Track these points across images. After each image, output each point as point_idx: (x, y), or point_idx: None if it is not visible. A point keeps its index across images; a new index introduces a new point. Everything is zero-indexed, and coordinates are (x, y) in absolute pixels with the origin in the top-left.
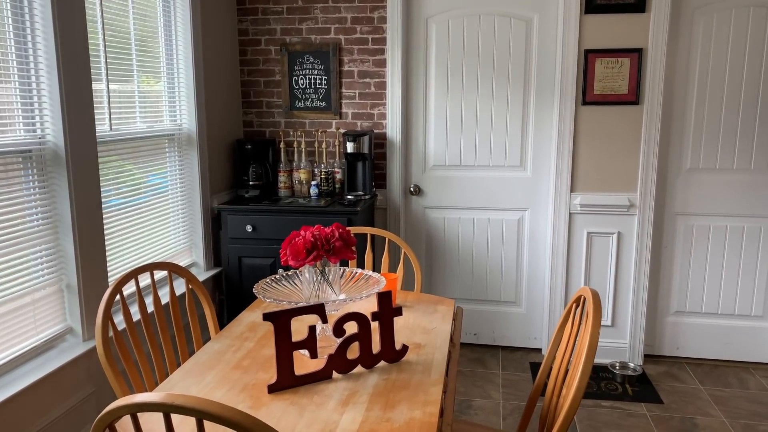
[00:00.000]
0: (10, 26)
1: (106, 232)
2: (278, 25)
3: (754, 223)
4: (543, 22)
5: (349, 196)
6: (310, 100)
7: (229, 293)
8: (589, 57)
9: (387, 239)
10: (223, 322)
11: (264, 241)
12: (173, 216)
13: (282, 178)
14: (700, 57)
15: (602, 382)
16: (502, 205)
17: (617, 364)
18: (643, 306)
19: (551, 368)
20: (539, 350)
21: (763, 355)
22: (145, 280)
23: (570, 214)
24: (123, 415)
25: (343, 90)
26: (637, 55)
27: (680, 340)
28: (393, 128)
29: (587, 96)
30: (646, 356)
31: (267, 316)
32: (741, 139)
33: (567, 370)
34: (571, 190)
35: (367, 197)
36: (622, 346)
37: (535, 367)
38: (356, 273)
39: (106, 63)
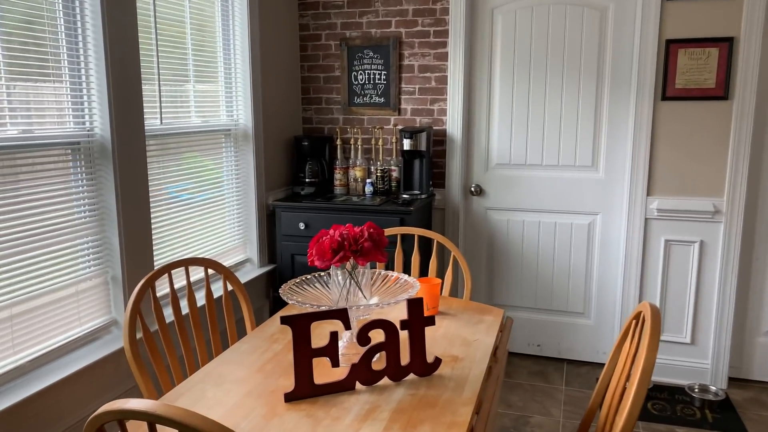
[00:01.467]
0: (62, 20)
1: (156, 225)
2: (338, 19)
3: None
4: (619, 11)
5: (404, 195)
6: (368, 95)
7: None
8: (670, 48)
9: (435, 241)
10: None
11: None
12: (228, 211)
13: (338, 175)
14: None
15: (678, 405)
16: (572, 208)
17: (696, 387)
18: (729, 324)
19: (607, 389)
20: None
21: None
22: (181, 280)
23: (646, 219)
24: (110, 420)
25: (403, 85)
26: (727, 44)
27: None
28: (453, 125)
29: (668, 90)
30: (731, 379)
31: (285, 320)
32: None
33: (624, 393)
34: (648, 194)
35: (423, 197)
36: (703, 366)
37: None
38: (391, 276)
39: (158, 54)
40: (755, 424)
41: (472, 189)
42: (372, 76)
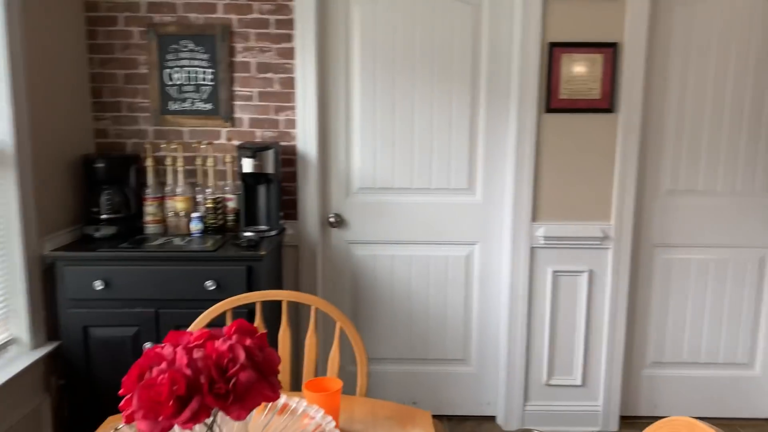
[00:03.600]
0: None
1: None
2: None
3: (741, 255)
4: (496, 7)
5: (247, 233)
6: (189, 100)
7: (73, 377)
8: (554, 52)
9: (313, 308)
10: (63, 416)
11: (121, 302)
12: None
13: (150, 209)
14: (681, 55)
15: None
16: (446, 238)
17: None
18: (619, 360)
19: None
20: (493, 418)
21: (752, 409)
22: None
23: (531, 248)
24: None
25: (237, 88)
26: (611, 50)
27: (658, 396)
28: (306, 140)
29: (552, 101)
30: (621, 418)
31: None
32: (727, 155)
33: None
34: (533, 219)
35: (272, 233)
36: (594, 409)
37: None
38: (278, 405)
39: None
40: None
41: (331, 219)
42: (193, 76)
